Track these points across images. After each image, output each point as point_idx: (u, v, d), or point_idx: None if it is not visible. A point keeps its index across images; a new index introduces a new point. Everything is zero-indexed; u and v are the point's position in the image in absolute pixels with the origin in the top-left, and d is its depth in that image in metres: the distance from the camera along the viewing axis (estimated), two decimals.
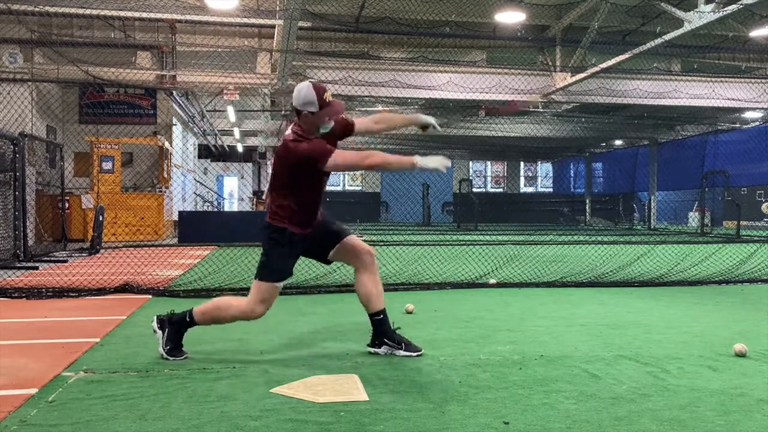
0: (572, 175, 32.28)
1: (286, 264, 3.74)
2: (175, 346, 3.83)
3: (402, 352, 3.85)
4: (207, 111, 19.36)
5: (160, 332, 3.85)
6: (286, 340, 4.38)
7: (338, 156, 3.54)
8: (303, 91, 3.60)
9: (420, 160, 3.52)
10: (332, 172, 3.77)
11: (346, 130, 3.90)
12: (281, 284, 3.76)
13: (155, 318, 3.92)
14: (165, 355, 3.79)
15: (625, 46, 13.65)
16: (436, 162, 3.49)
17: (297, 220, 3.71)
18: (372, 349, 3.94)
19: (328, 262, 4.02)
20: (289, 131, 3.72)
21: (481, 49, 15.99)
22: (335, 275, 7.17)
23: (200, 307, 3.85)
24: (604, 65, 14.00)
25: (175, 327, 3.84)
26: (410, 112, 19.71)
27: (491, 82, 15.35)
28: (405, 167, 3.62)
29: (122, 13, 13.38)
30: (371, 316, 3.90)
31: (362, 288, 3.86)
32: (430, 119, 3.97)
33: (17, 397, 3.05)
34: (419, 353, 3.87)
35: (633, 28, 14.35)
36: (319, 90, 3.61)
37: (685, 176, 22.99)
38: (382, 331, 3.90)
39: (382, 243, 13.62)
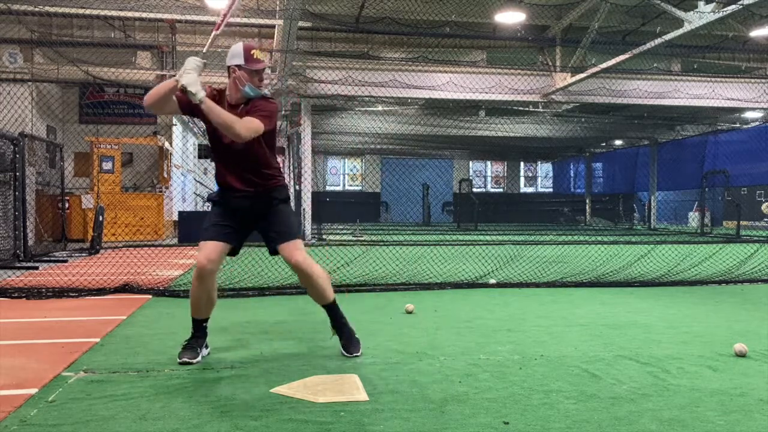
0: (572, 175, 32.25)
1: (210, 222, 3.79)
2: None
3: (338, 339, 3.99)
4: None
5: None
6: (286, 340, 4.38)
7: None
8: (232, 48, 3.73)
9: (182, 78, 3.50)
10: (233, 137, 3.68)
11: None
12: (210, 243, 3.70)
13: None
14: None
15: (625, 46, 13.65)
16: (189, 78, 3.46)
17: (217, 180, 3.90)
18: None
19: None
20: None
21: (481, 49, 16.01)
22: (334, 276, 7.17)
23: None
24: (604, 65, 14.00)
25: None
26: (413, 110, 19.78)
27: (491, 82, 15.36)
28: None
29: (122, 13, 13.42)
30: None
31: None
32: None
33: (17, 397, 3.04)
34: (349, 355, 3.90)
35: (633, 28, 14.37)
36: (248, 46, 3.73)
37: (685, 176, 22.97)
38: (331, 323, 4.02)
39: (382, 243, 13.62)
